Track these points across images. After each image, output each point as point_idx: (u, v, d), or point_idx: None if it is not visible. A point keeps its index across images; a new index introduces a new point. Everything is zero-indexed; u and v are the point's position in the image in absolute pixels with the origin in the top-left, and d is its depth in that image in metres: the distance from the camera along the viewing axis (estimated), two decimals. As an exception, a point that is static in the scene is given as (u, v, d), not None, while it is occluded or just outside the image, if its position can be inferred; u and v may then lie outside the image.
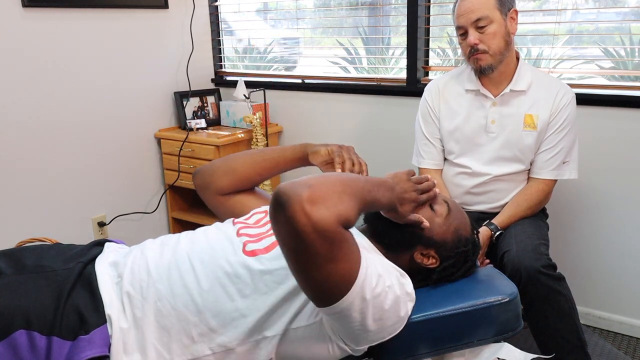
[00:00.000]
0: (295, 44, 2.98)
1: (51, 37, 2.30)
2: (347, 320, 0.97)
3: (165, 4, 2.71)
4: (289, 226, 0.84)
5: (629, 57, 2.19)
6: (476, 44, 1.65)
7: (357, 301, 0.94)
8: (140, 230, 2.77)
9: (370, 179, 1.03)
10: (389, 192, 1.05)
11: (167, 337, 1.03)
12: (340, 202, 0.88)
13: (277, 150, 1.40)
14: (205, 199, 1.41)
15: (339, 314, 0.96)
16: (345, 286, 0.92)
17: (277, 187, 0.87)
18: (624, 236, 2.11)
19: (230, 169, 1.37)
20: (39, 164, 2.34)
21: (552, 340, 1.56)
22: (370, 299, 0.95)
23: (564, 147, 1.74)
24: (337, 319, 0.98)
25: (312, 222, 0.83)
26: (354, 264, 0.93)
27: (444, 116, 1.84)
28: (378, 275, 0.98)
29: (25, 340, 0.97)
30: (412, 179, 1.12)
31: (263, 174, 1.39)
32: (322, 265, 0.88)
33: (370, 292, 0.95)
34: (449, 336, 1.16)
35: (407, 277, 1.11)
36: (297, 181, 0.88)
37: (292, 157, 1.38)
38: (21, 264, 1.10)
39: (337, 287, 0.92)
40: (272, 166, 1.38)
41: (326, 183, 0.90)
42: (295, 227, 0.83)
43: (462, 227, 1.24)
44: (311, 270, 0.89)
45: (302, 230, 0.83)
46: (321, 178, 0.92)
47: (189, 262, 1.09)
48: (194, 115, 2.85)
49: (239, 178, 1.36)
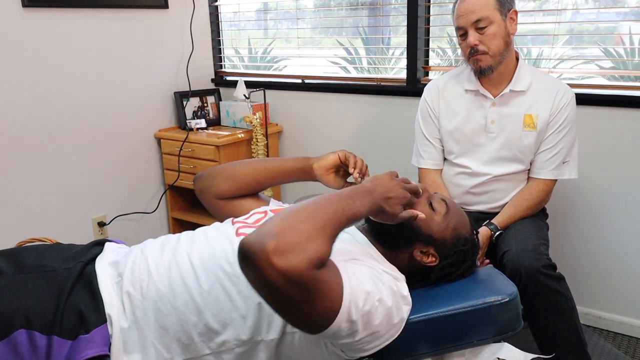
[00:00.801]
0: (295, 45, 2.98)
1: (51, 37, 2.30)
2: (339, 339, 0.97)
3: (165, 4, 2.71)
4: (260, 280, 0.83)
5: (629, 57, 2.19)
6: (476, 45, 1.65)
7: (345, 325, 0.94)
8: (140, 230, 2.77)
9: (343, 193, 0.99)
10: (367, 197, 1.01)
11: (167, 336, 1.04)
12: (309, 244, 0.84)
13: (280, 161, 1.40)
14: (205, 203, 1.41)
15: (329, 337, 0.97)
16: (329, 318, 0.91)
17: (242, 241, 0.85)
18: (624, 236, 2.11)
19: (231, 175, 1.37)
20: (39, 164, 2.34)
21: (552, 340, 1.56)
22: (358, 318, 0.95)
23: (564, 147, 1.74)
24: (329, 338, 0.99)
25: (282, 273, 0.81)
26: (335, 296, 0.91)
27: (443, 116, 1.84)
28: (366, 293, 0.97)
29: (25, 340, 0.97)
30: (397, 179, 1.09)
31: (263, 182, 1.39)
32: (301, 308, 0.87)
33: (357, 312, 0.95)
34: (449, 336, 1.16)
35: (402, 280, 1.11)
36: (261, 231, 0.85)
37: (294, 167, 1.37)
38: (21, 263, 1.10)
39: (321, 321, 0.92)
40: (273, 175, 1.38)
41: (292, 224, 0.86)
42: (266, 280, 0.82)
43: (461, 226, 1.25)
44: (291, 313, 0.89)
45: (274, 283, 0.82)
46: (287, 218, 0.88)
47: (189, 262, 1.10)
48: (194, 115, 2.85)
49: (239, 184, 1.36)
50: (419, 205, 1.23)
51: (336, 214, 0.93)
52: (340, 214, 0.93)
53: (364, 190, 1.02)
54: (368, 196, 1.01)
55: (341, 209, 0.94)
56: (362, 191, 1.01)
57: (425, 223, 1.21)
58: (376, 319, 0.99)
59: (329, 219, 0.91)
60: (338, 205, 0.95)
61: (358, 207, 0.98)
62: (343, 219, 0.94)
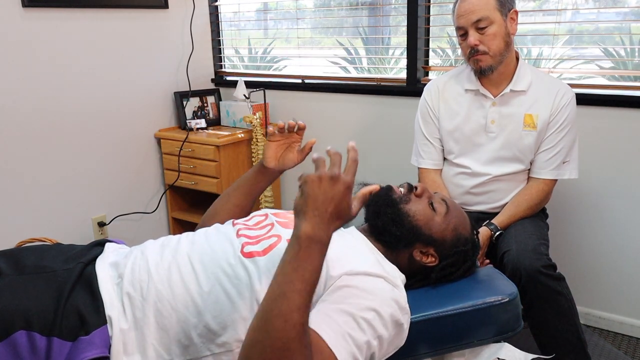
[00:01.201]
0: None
1: (51, 37, 2.30)
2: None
3: (165, 4, 2.71)
4: None
5: (629, 57, 2.19)
6: (476, 45, 1.65)
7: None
8: (140, 230, 2.77)
9: (287, 265, 0.86)
10: (309, 223, 0.85)
11: (167, 337, 1.03)
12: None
13: (243, 176, 1.42)
14: None
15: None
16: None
17: None
18: (623, 236, 2.11)
19: (214, 212, 1.41)
20: (39, 164, 2.34)
21: (552, 340, 1.56)
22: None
23: (564, 147, 1.74)
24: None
25: None
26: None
27: (443, 116, 1.84)
28: (358, 347, 0.94)
29: (25, 341, 0.97)
30: (324, 176, 0.88)
31: (242, 202, 1.40)
32: None
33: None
34: (449, 336, 1.16)
35: (401, 289, 1.09)
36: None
37: (254, 174, 1.39)
38: (21, 264, 1.10)
39: None
40: (245, 191, 1.40)
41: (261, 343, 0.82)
42: None
43: (461, 226, 1.25)
44: None
45: None
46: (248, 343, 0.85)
47: (189, 263, 1.09)
48: (194, 115, 2.85)
49: (224, 218, 1.37)
50: (419, 204, 1.23)
51: (295, 287, 0.84)
52: (299, 284, 0.84)
53: (306, 237, 0.85)
54: (311, 221, 0.86)
55: (300, 277, 0.84)
56: (305, 238, 0.85)
57: (425, 223, 1.21)
58: (378, 350, 0.99)
59: (293, 314, 0.83)
60: (293, 286, 0.84)
61: (314, 253, 0.85)
62: (310, 278, 0.85)
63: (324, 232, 0.86)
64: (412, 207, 1.22)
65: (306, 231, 0.85)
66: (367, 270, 1.05)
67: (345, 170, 0.89)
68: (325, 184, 0.87)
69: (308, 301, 0.85)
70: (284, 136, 1.34)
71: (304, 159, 1.36)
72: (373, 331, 0.96)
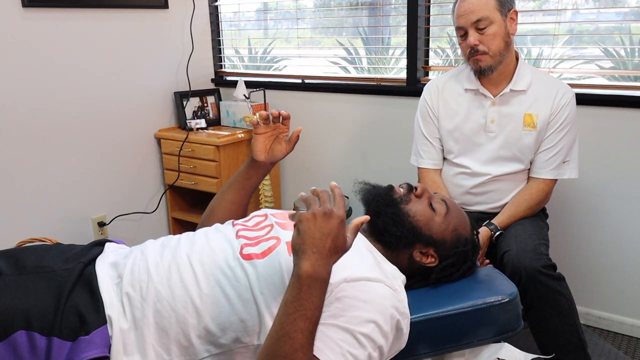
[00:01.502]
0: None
1: (51, 37, 2.30)
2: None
3: (165, 4, 2.71)
4: None
5: (629, 57, 2.19)
6: (476, 45, 1.65)
7: None
8: (140, 230, 2.77)
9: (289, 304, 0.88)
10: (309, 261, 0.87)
11: (166, 338, 1.03)
12: None
13: (236, 173, 1.42)
14: None
15: None
16: None
17: None
18: (623, 236, 2.11)
19: (211, 211, 1.41)
20: (39, 164, 2.34)
21: (552, 340, 1.56)
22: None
23: (564, 147, 1.74)
24: None
25: None
26: None
27: (443, 116, 1.84)
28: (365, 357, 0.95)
29: (25, 341, 0.97)
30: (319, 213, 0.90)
31: (238, 198, 1.40)
32: None
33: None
34: (449, 336, 1.16)
35: (400, 292, 1.09)
36: None
37: (247, 169, 1.39)
38: (21, 264, 1.10)
39: None
40: (240, 187, 1.40)
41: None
42: None
43: (461, 226, 1.25)
44: None
45: None
46: None
47: (189, 264, 1.09)
48: (194, 115, 2.85)
49: (223, 214, 1.38)
50: (419, 205, 1.23)
51: (302, 335, 0.86)
52: (304, 332, 0.87)
53: (307, 276, 0.87)
54: (313, 272, 0.87)
55: (301, 329, 0.86)
56: (306, 277, 0.87)
57: (425, 224, 1.21)
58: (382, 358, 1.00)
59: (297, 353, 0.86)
60: (296, 326, 0.86)
61: (316, 299, 0.88)
62: (308, 332, 0.87)
63: (323, 268, 0.88)
64: (412, 208, 1.22)
65: (307, 270, 0.88)
66: (366, 276, 1.04)
67: (335, 205, 0.92)
68: (320, 221, 0.89)
69: (311, 338, 0.88)
70: (270, 127, 1.33)
71: (292, 148, 1.35)
72: (373, 344, 0.97)
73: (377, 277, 1.05)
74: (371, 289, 1.02)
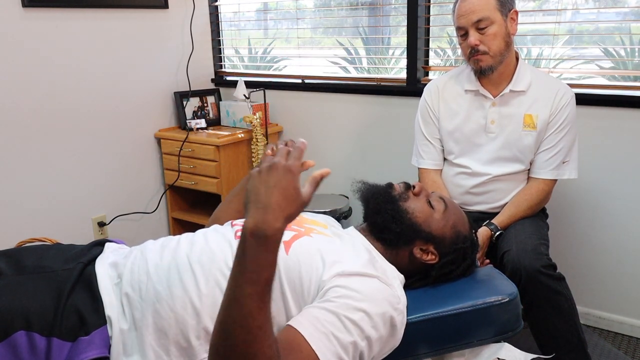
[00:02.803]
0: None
1: (51, 37, 2.30)
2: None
3: (165, 4, 2.71)
4: None
5: (629, 57, 2.19)
6: (477, 45, 1.65)
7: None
8: (140, 230, 2.77)
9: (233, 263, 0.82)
10: (251, 218, 0.80)
11: (165, 339, 1.02)
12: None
13: (242, 181, 1.43)
14: None
15: None
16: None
17: None
18: (623, 236, 2.11)
19: (216, 218, 1.41)
20: (39, 164, 2.34)
21: (552, 340, 1.56)
22: None
23: (564, 147, 1.74)
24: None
25: None
26: None
27: (443, 116, 1.84)
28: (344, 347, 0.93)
29: (25, 341, 0.97)
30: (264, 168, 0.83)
31: (242, 209, 1.39)
32: None
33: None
34: (449, 336, 1.16)
35: (396, 288, 1.08)
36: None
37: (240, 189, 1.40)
38: (21, 264, 1.10)
39: None
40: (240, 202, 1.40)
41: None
42: None
43: (460, 223, 1.25)
44: None
45: None
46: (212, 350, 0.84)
47: (188, 265, 1.09)
48: (194, 115, 2.85)
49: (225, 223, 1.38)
50: (418, 202, 1.23)
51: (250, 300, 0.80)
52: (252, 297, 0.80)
53: (249, 233, 0.79)
54: (255, 229, 0.79)
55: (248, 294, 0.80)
56: (249, 235, 0.79)
57: (424, 220, 1.21)
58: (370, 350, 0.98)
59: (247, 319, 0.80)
60: (243, 291, 0.80)
61: (262, 259, 0.80)
62: (257, 296, 0.80)
63: (269, 224, 0.79)
64: (411, 205, 1.23)
65: (249, 227, 0.79)
66: (360, 271, 1.04)
67: (289, 157, 0.84)
68: (265, 174, 0.82)
69: (261, 303, 0.81)
70: None
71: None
72: (360, 332, 0.95)
73: (372, 273, 1.05)
74: (365, 282, 1.02)
